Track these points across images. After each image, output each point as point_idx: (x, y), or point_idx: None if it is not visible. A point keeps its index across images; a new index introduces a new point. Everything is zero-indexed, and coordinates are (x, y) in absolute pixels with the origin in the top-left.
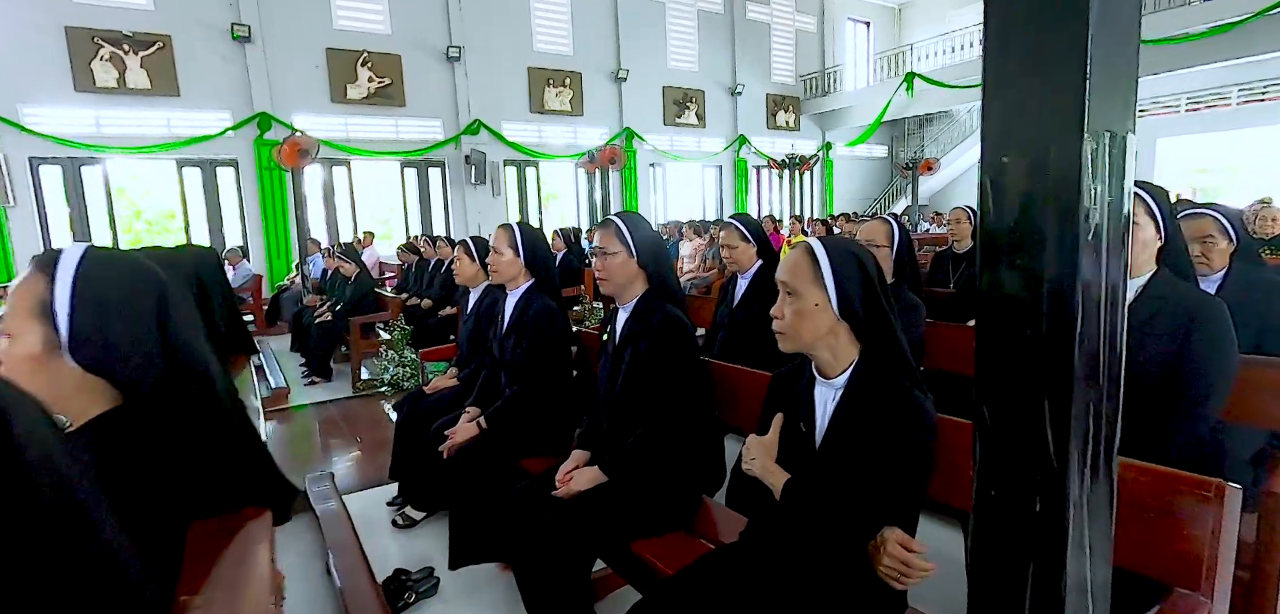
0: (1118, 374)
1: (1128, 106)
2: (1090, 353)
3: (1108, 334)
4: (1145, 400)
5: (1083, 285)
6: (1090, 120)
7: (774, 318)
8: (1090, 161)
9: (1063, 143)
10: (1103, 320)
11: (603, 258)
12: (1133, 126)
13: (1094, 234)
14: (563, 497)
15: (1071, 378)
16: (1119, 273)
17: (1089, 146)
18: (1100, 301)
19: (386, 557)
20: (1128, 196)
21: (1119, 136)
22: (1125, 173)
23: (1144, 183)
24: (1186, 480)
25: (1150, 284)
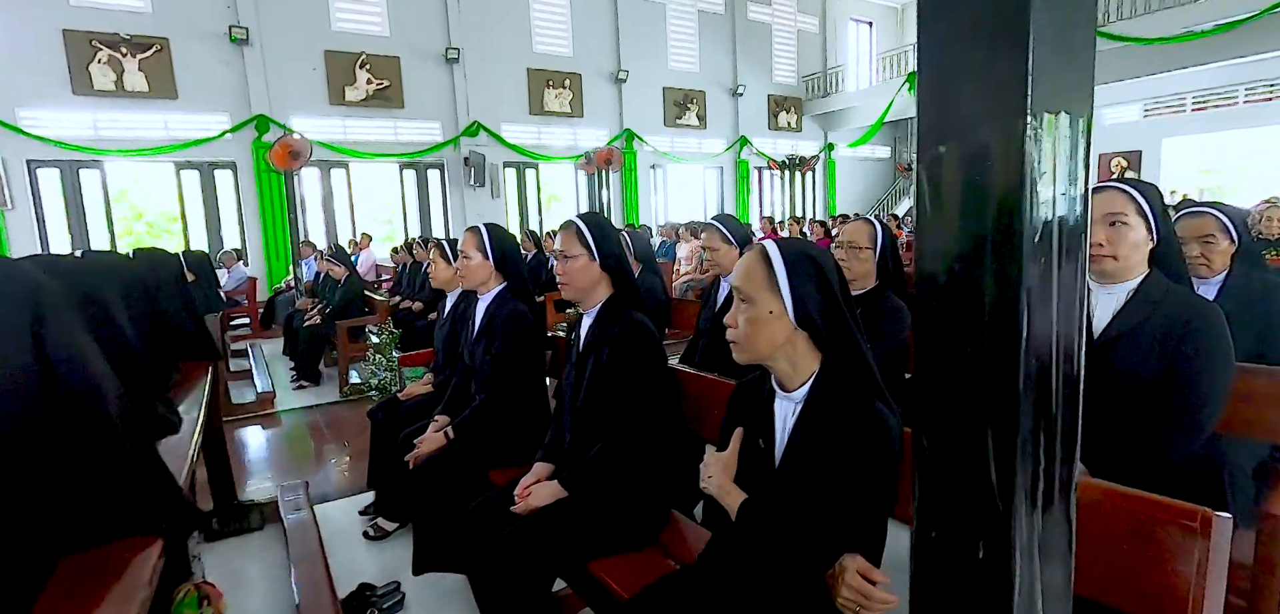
0: (1075, 396)
1: (1084, 81)
2: (1039, 373)
3: (1062, 350)
4: (1137, 410)
5: (1028, 294)
6: (1035, 98)
7: (728, 327)
8: (1036, 148)
9: (1003, 127)
10: (1055, 334)
11: (564, 261)
12: (1091, 107)
13: (1042, 234)
14: (521, 512)
15: (1016, 403)
16: (1075, 278)
17: (1034, 130)
18: (1052, 313)
19: (355, 569)
20: (1086, 188)
21: (1075, 118)
22: (1084, 160)
23: (1134, 179)
24: (1169, 508)
25: (1141, 288)
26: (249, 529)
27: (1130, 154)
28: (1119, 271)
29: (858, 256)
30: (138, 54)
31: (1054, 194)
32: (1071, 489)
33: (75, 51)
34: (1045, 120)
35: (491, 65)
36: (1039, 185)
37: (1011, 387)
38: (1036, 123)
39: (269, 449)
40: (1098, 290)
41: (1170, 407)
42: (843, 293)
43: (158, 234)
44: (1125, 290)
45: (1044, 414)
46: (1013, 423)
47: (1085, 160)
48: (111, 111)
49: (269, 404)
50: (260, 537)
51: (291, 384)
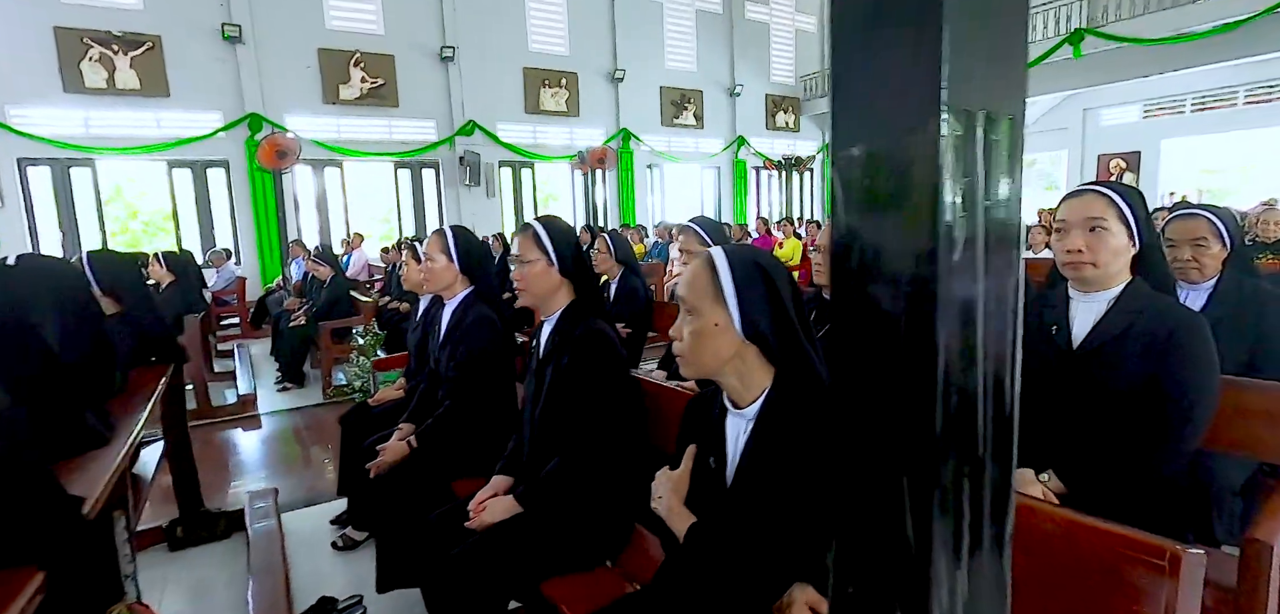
0: (1008, 436)
1: (1013, 76)
2: (961, 410)
3: (990, 383)
4: (1118, 424)
5: (944, 321)
6: (953, 93)
7: (672, 339)
8: (952, 151)
9: (917, 126)
10: (981, 366)
11: (520, 266)
12: (1021, 105)
13: (964, 249)
14: (475, 528)
15: (933, 446)
16: (1008, 300)
17: (951, 131)
18: (978, 341)
19: (320, 580)
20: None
21: (999, 119)
22: (1012, 166)
23: (1114, 183)
24: (1136, 544)
25: (1123, 296)
26: (215, 537)
27: (1129, 155)
28: (1099, 279)
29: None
30: (129, 51)
31: (978, 202)
32: (1005, 543)
33: (66, 49)
34: (964, 119)
35: (487, 64)
36: (958, 193)
37: (927, 427)
38: (955, 122)
39: (246, 453)
40: (1077, 299)
41: (1153, 421)
42: (795, 305)
43: (153, 233)
44: (1106, 299)
45: (969, 459)
46: (930, 470)
47: (1017, 164)
48: (103, 109)
49: (250, 407)
50: (226, 546)
51: (276, 386)
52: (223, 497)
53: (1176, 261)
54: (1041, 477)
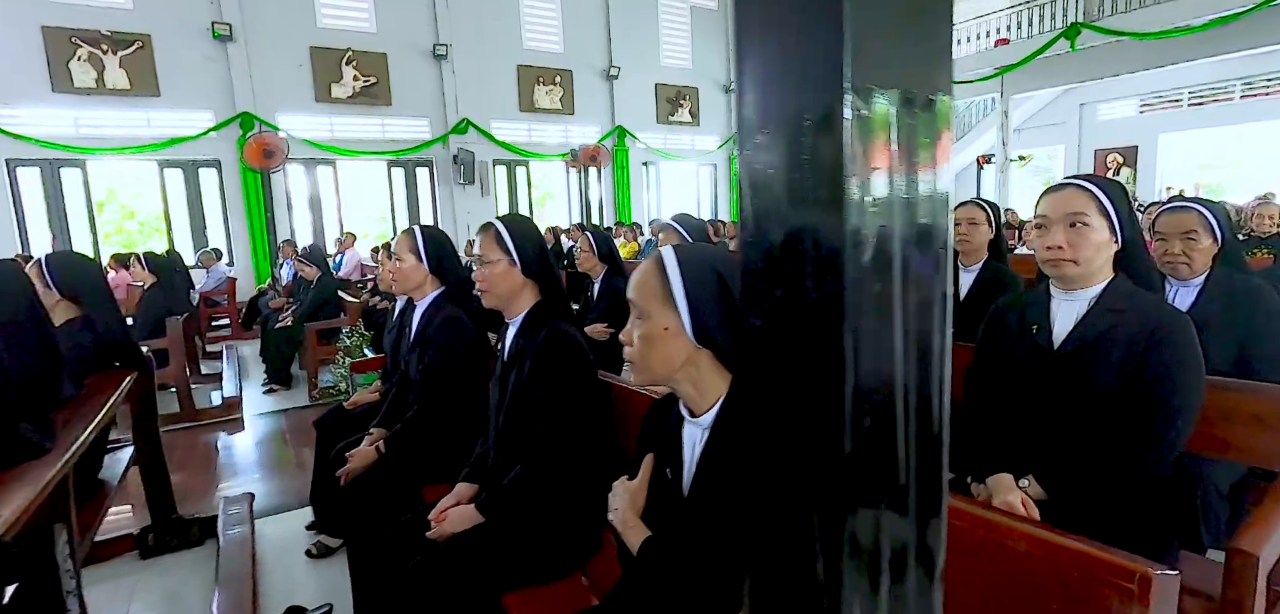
0: (937, 458)
1: (935, 49)
2: (876, 434)
3: (912, 401)
4: (1100, 427)
5: (853, 332)
6: (859, 70)
7: (623, 343)
8: (859, 138)
9: (818, 110)
10: (902, 382)
11: (482, 267)
12: (947, 85)
13: (876, 251)
14: (435, 537)
15: (842, 472)
16: (935, 307)
17: (856, 113)
18: (897, 354)
19: (290, 588)
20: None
21: (917, 99)
22: (937, 154)
23: (1095, 177)
24: (1104, 565)
25: (1105, 294)
26: (188, 545)
27: (1126, 150)
28: (1080, 277)
29: None
30: (119, 51)
31: (894, 196)
32: (934, 578)
33: (55, 48)
34: (877, 101)
35: (481, 61)
36: (868, 186)
37: (835, 453)
38: (861, 103)
39: (228, 457)
40: (1058, 297)
41: (1136, 423)
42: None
43: (149, 234)
44: (1088, 297)
45: (887, 490)
46: (839, 500)
47: (945, 152)
48: (92, 109)
49: (235, 409)
50: (198, 554)
51: (262, 388)
52: (202, 502)
53: (1166, 256)
54: (1021, 482)
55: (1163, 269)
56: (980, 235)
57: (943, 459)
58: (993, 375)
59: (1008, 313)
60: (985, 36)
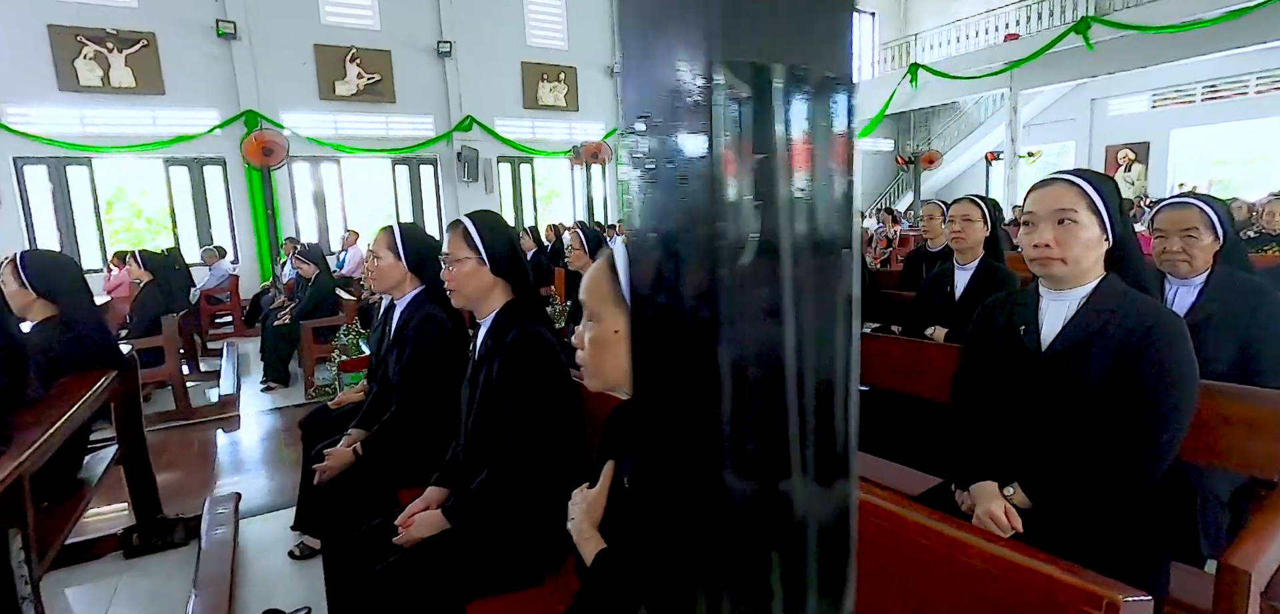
0: (841, 485)
1: (834, 22)
2: (762, 460)
3: (809, 423)
4: (1089, 432)
5: (730, 348)
6: (732, 42)
7: (574, 347)
8: (732, 124)
9: (690, 92)
10: (795, 403)
11: (450, 265)
12: (846, 67)
13: (760, 254)
14: (402, 543)
15: (719, 506)
16: (837, 319)
17: (730, 95)
18: (785, 371)
19: (270, 589)
20: (843, 183)
21: (810, 80)
22: (837, 144)
23: (1085, 171)
24: (1068, 589)
25: (1095, 294)
26: (173, 545)
27: (1137, 146)
28: (1069, 276)
29: None
30: (124, 49)
31: (779, 193)
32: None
33: (61, 47)
34: (758, 80)
35: (485, 59)
36: (748, 181)
37: (712, 485)
38: (738, 83)
39: (221, 456)
40: (1047, 297)
41: (1125, 427)
42: None
43: (158, 231)
44: (1077, 297)
45: (778, 520)
46: (717, 537)
47: (847, 142)
48: (98, 107)
49: (231, 407)
50: (182, 554)
51: (260, 386)
52: (195, 500)
53: (1165, 253)
54: (1006, 490)
55: (1162, 266)
56: (976, 233)
57: (849, 483)
58: (979, 378)
59: (995, 313)
60: (994, 31)
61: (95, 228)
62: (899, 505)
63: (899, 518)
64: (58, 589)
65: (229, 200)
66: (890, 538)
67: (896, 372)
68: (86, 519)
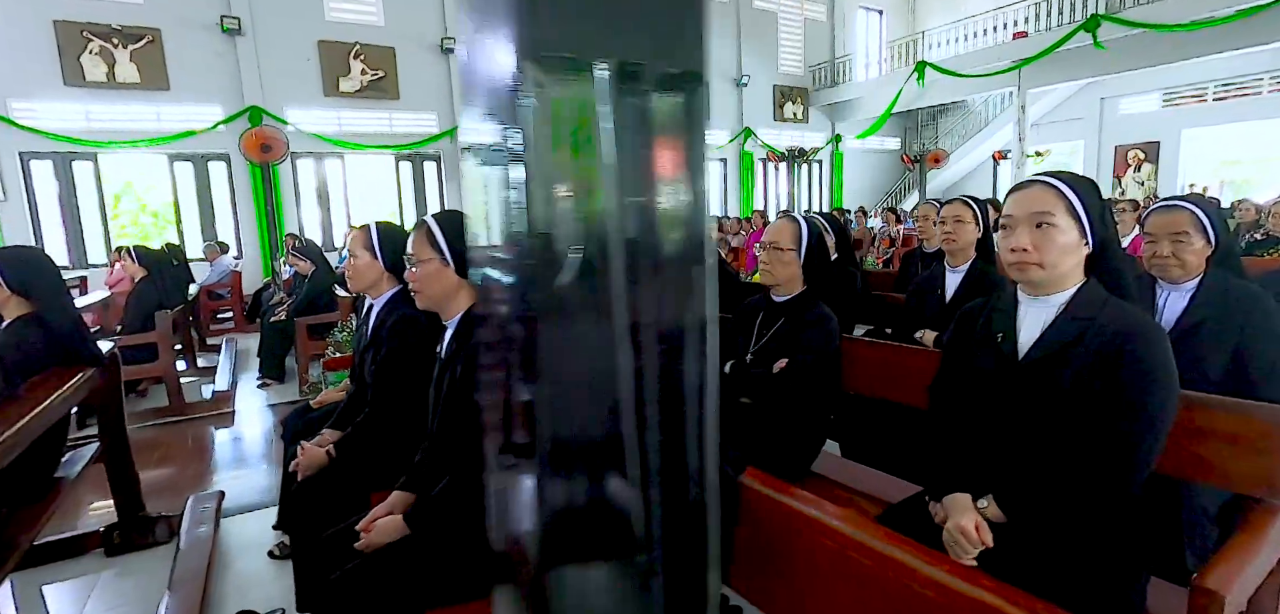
0: (694, 503)
1: (683, 17)
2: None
3: (651, 442)
4: (1066, 442)
5: (548, 359)
6: (540, 32)
7: None
8: (545, 122)
9: (506, 86)
10: (627, 421)
11: (413, 266)
12: (697, 56)
13: (582, 268)
14: (362, 549)
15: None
16: (693, 332)
17: (543, 91)
18: (618, 389)
19: (247, 590)
20: (688, 189)
21: (647, 75)
22: (674, 148)
23: (1064, 173)
24: None
25: (1074, 300)
26: (155, 543)
27: (1148, 146)
28: (1048, 281)
29: (781, 259)
30: (129, 45)
31: (607, 204)
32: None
33: (67, 42)
34: (576, 74)
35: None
36: (564, 183)
37: (530, 512)
38: (549, 78)
39: (212, 452)
40: (1026, 303)
41: (1102, 440)
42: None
43: (164, 226)
44: (1056, 303)
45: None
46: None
47: (695, 143)
48: (103, 103)
49: (225, 404)
50: (164, 552)
51: (257, 382)
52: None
53: (1155, 258)
54: (979, 502)
55: (1152, 271)
56: (967, 234)
57: (706, 500)
58: (957, 385)
59: (974, 319)
60: (1003, 29)
61: (100, 223)
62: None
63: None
64: (36, 586)
65: (233, 196)
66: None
67: (879, 377)
68: (72, 516)
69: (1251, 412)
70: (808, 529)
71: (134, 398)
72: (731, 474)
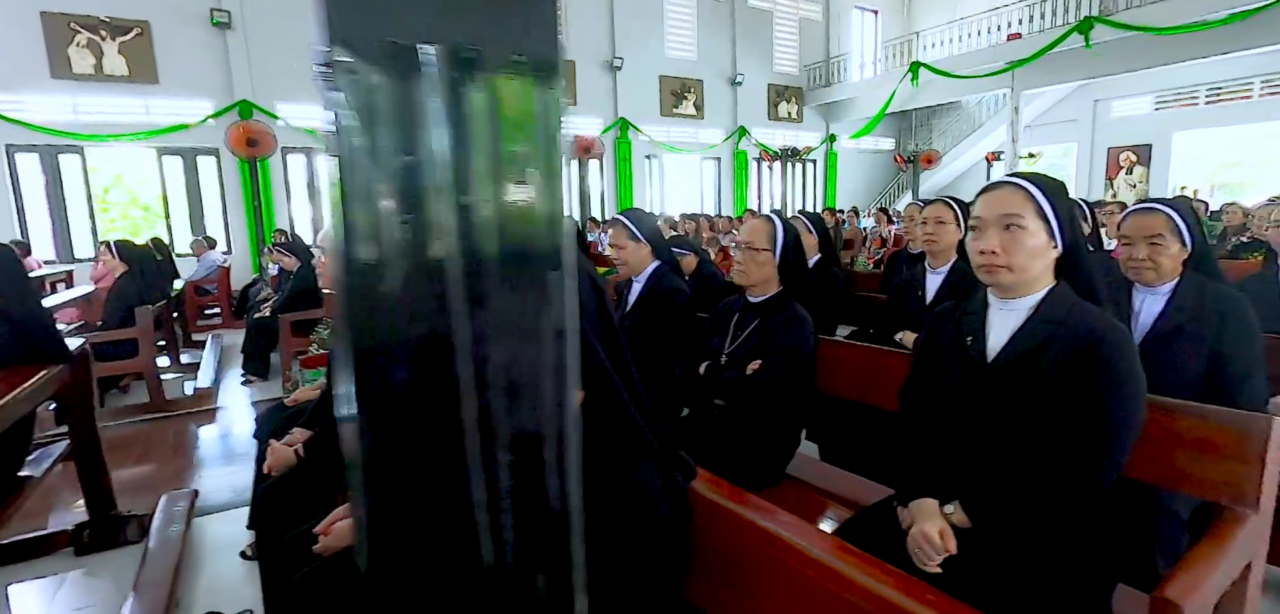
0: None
1: (532, 4)
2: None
3: (504, 460)
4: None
5: (368, 369)
6: (353, 10)
7: None
8: (361, 111)
9: (321, 72)
10: (469, 438)
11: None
12: (550, 44)
13: (409, 263)
14: (321, 552)
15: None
16: (553, 357)
17: (356, 78)
18: (461, 403)
19: (217, 592)
20: (543, 187)
21: (486, 63)
22: (522, 142)
23: (1034, 175)
24: None
25: (1043, 304)
26: (126, 542)
27: (1140, 148)
28: (1017, 285)
29: (755, 259)
30: (117, 37)
31: (436, 204)
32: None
33: (53, 34)
34: (396, 62)
35: None
36: (382, 178)
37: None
38: (365, 65)
39: (192, 449)
40: (994, 306)
41: (1069, 445)
42: (601, 321)
43: (154, 220)
44: (1025, 307)
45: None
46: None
47: (549, 139)
48: (91, 96)
49: (207, 400)
50: (134, 552)
51: (240, 379)
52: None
53: (1131, 260)
54: (946, 508)
55: (1128, 274)
56: (948, 235)
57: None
58: (927, 390)
59: (945, 322)
60: (997, 31)
61: (88, 217)
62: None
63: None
64: (1, 585)
65: (222, 191)
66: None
67: (857, 379)
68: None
69: (1220, 418)
70: (759, 540)
71: (115, 394)
72: (681, 482)
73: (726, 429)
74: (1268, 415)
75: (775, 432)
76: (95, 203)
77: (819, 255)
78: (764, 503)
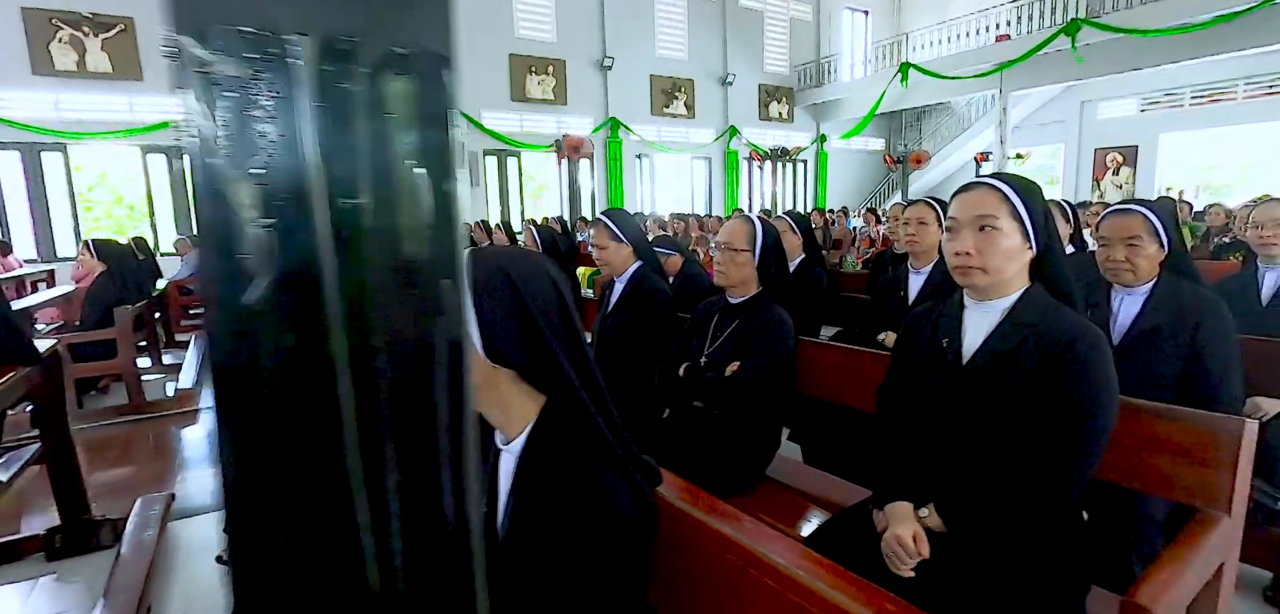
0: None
1: None
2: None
3: (397, 479)
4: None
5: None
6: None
7: None
8: (217, 103)
9: (172, 66)
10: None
11: None
12: (443, 37)
13: (281, 284)
14: None
15: None
16: (445, 370)
17: (212, 67)
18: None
19: (191, 598)
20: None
21: (358, 51)
22: (405, 141)
23: (1008, 176)
24: None
25: (1018, 306)
26: (100, 547)
27: (1126, 150)
28: (992, 286)
29: (735, 260)
30: (100, 33)
31: (311, 207)
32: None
33: (35, 30)
34: (252, 51)
35: (472, 50)
36: (237, 186)
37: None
38: (212, 56)
39: (172, 452)
40: (970, 308)
41: (1042, 448)
42: (561, 319)
43: (139, 218)
44: (1000, 309)
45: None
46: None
47: (439, 140)
48: (74, 93)
49: (188, 402)
50: (107, 556)
51: None
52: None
53: (1109, 262)
54: (920, 511)
55: (1106, 275)
56: (930, 236)
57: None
58: (903, 391)
59: (921, 323)
60: (986, 32)
61: (70, 215)
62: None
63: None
64: None
65: None
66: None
67: (837, 380)
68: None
69: (1192, 420)
70: (720, 547)
71: (94, 395)
72: (644, 486)
73: (706, 431)
74: (1239, 418)
75: (755, 433)
76: (78, 201)
77: (802, 256)
78: (729, 508)
